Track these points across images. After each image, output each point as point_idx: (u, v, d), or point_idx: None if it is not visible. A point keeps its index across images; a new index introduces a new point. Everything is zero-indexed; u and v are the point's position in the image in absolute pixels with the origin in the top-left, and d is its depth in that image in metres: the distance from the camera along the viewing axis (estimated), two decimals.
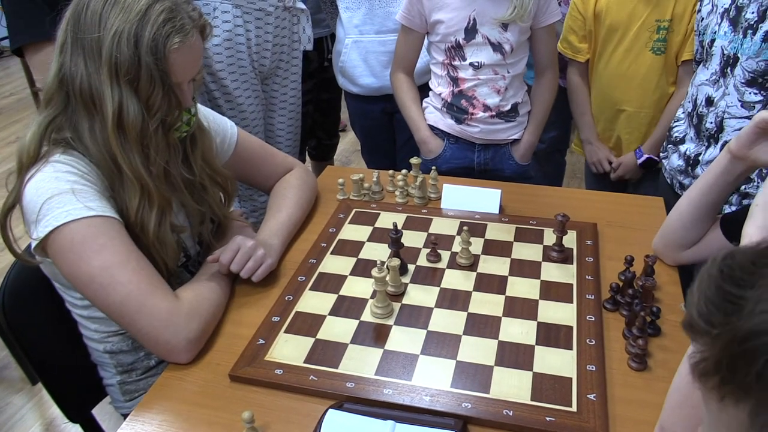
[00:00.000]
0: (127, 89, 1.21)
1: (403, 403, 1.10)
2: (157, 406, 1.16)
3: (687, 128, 1.85)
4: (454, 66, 1.99)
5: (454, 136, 2.08)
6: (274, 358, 1.22)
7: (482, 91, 1.99)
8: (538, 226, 1.59)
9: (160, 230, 1.30)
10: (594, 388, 1.12)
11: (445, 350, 1.22)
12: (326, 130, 3.03)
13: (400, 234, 1.43)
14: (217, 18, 2.09)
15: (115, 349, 1.39)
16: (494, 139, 2.06)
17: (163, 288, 1.24)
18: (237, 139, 1.61)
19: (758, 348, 0.43)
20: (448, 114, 2.06)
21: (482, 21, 1.91)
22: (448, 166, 2.09)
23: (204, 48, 1.27)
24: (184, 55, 1.24)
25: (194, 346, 1.24)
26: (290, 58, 2.36)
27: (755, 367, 0.43)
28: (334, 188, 1.79)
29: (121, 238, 1.23)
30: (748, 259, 0.46)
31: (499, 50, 1.94)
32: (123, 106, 1.21)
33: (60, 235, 1.18)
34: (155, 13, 1.20)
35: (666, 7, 2.03)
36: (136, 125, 1.22)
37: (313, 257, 1.51)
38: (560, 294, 1.36)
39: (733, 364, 0.45)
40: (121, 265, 1.20)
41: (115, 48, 1.18)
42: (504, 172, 2.10)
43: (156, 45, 1.20)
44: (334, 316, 1.32)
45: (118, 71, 1.19)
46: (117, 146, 1.22)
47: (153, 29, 1.19)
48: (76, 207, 1.19)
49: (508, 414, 1.07)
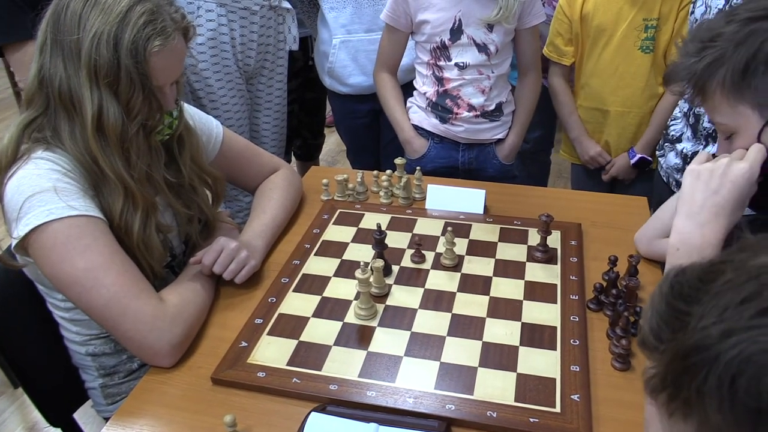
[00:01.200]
0: (106, 92, 1.19)
1: (387, 405, 1.10)
2: (138, 410, 1.14)
3: (684, 127, 1.87)
4: (439, 66, 1.99)
5: (438, 135, 2.08)
6: (257, 361, 1.21)
7: (467, 90, 1.99)
8: (523, 226, 1.59)
9: (145, 233, 1.28)
10: (577, 389, 1.12)
11: (429, 352, 1.22)
12: (311, 129, 3.02)
13: (384, 235, 1.42)
14: (201, 17, 2.08)
15: (97, 351, 1.38)
16: (478, 138, 2.07)
17: (147, 291, 1.23)
18: (222, 138, 1.59)
19: (698, 364, 0.42)
20: (433, 113, 2.06)
21: (468, 22, 1.91)
22: (433, 165, 2.09)
23: (188, 47, 1.26)
24: (165, 59, 1.22)
25: (178, 350, 1.23)
26: (275, 58, 2.35)
27: (695, 383, 0.42)
28: (318, 189, 1.78)
29: (106, 238, 1.21)
30: (696, 276, 0.46)
31: (484, 51, 1.94)
32: (103, 109, 1.19)
33: (42, 234, 1.17)
34: (136, 15, 1.18)
35: (653, 6, 2.04)
36: (116, 128, 1.21)
37: (297, 258, 1.50)
38: (544, 294, 1.36)
39: (678, 380, 0.44)
40: (106, 267, 1.19)
41: (95, 50, 1.17)
42: (488, 172, 2.11)
43: (136, 48, 1.18)
44: (317, 317, 1.32)
45: (97, 74, 1.18)
46: (97, 149, 1.21)
47: (133, 32, 1.17)
48: (59, 206, 1.17)
49: (492, 415, 1.07)
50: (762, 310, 0.38)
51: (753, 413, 0.37)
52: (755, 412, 0.37)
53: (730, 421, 0.39)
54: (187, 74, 2.15)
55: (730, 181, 1.08)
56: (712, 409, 0.40)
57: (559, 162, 3.59)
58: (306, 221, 1.66)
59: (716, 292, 0.43)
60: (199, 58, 2.12)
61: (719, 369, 0.39)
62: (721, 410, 0.39)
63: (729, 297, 0.41)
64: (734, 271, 0.43)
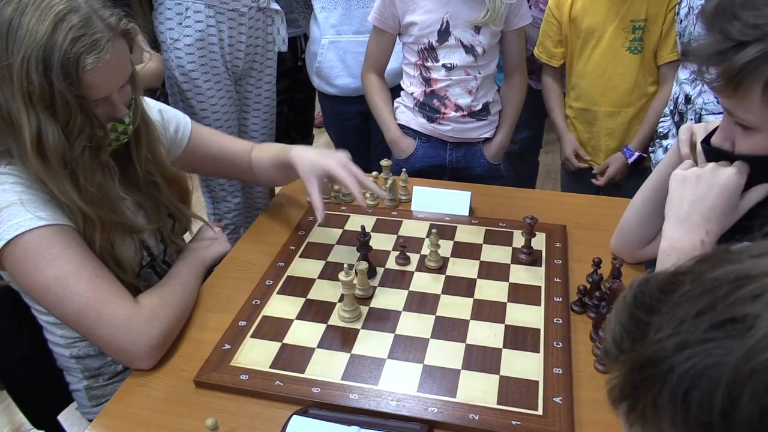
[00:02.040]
0: (44, 115, 1.12)
1: (369, 408, 1.10)
2: (121, 412, 1.14)
3: (671, 125, 1.88)
4: (426, 67, 1.99)
5: (425, 134, 2.09)
6: (240, 364, 1.20)
7: (454, 91, 2.00)
8: (508, 228, 1.59)
9: (110, 247, 1.26)
10: (560, 391, 1.12)
11: (413, 354, 1.22)
12: (300, 130, 3.01)
13: (369, 237, 1.42)
14: (189, 18, 2.08)
15: (81, 354, 1.37)
16: (466, 137, 2.08)
17: (121, 294, 1.22)
18: (192, 128, 1.57)
19: (653, 376, 0.42)
20: (420, 113, 2.06)
21: (455, 24, 1.92)
22: (420, 164, 2.10)
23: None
24: (101, 74, 1.15)
25: (156, 352, 1.22)
26: (264, 59, 2.35)
27: (651, 395, 0.42)
28: (304, 190, 1.76)
29: (75, 246, 1.20)
30: (658, 286, 0.46)
31: (472, 52, 1.95)
32: (42, 132, 1.13)
33: (14, 248, 1.16)
34: (62, 33, 1.09)
35: (640, 7, 2.05)
36: (57, 151, 1.14)
37: (282, 260, 1.50)
38: (528, 297, 1.36)
39: (635, 392, 0.44)
40: (77, 274, 1.18)
41: (25, 76, 1.09)
42: (475, 171, 2.12)
43: (66, 70, 1.10)
44: (301, 320, 1.31)
45: (32, 99, 1.11)
46: (42, 172, 1.16)
47: (61, 52, 1.09)
48: (27, 218, 1.16)
49: (474, 418, 1.07)
50: (715, 324, 0.38)
51: (705, 427, 0.37)
52: (707, 426, 0.37)
53: None
54: (176, 75, 2.15)
55: (718, 185, 1.08)
56: (666, 422, 0.40)
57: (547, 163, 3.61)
58: (291, 223, 1.66)
59: (675, 303, 0.42)
60: (187, 60, 2.11)
61: (673, 382, 0.39)
62: (675, 423, 0.39)
63: (686, 309, 0.41)
64: (692, 283, 0.43)
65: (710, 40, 0.95)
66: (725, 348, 0.37)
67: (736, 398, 0.35)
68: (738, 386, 0.36)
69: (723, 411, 0.36)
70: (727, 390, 0.36)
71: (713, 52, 0.94)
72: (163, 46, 2.15)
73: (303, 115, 2.97)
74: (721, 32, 0.93)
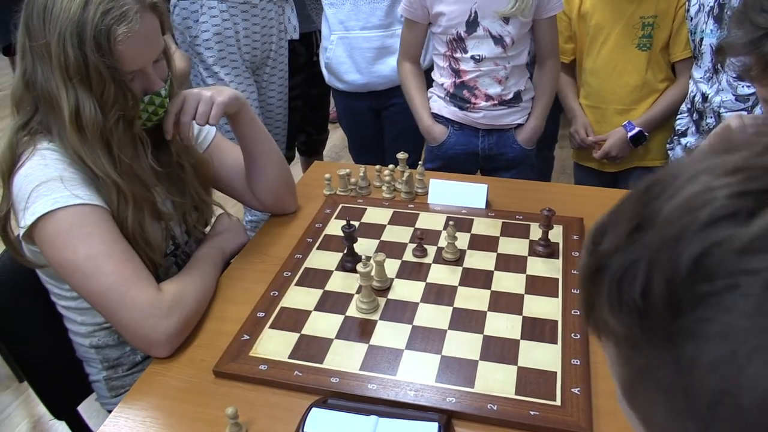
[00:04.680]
0: (80, 89, 1.19)
1: (388, 398, 1.10)
2: (141, 402, 1.15)
3: (689, 122, 1.87)
4: (455, 58, 1.99)
5: (458, 122, 2.09)
6: (259, 354, 1.21)
7: (484, 81, 2.00)
8: (525, 220, 1.59)
9: (139, 226, 1.29)
10: (578, 382, 1.12)
11: (430, 345, 1.22)
12: (316, 125, 3.03)
13: (353, 229, 1.42)
14: (204, 14, 2.12)
15: (101, 343, 1.39)
16: (498, 124, 2.07)
17: (146, 280, 1.24)
18: (216, 134, 1.59)
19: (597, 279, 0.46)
20: (452, 102, 2.07)
21: (483, 14, 1.91)
22: (453, 152, 2.10)
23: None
24: (133, 45, 1.20)
25: (174, 340, 1.23)
26: (278, 48, 2.39)
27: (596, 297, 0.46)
28: (321, 183, 1.78)
29: (108, 227, 1.23)
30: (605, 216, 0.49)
31: (500, 43, 1.94)
32: (79, 106, 1.19)
33: (47, 222, 1.18)
34: (93, 6, 1.15)
35: (650, 4, 2.03)
36: (94, 124, 1.20)
37: (299, 252, 1.50)
38: (545, 288, 1.36)
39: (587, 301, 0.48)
40: (107, 255, 1.20)
41: (62, 51, 1.16)
42: (507, 156, 2.11)
43: (99, 42, 1.16)
44: (319, 311, 1.32)
45: (69, 73, 1.17)
46: (80, 147, 1.21)
47: (93, 25, 1.15)
48: (64, 195, 1.19)
49: (493, 408, 1.07)
50: (634, 227, 0.43)
51: (632, 307, 0.42)
52: (633, 305, 0.41)
53: (621, 321, 0.43)
54: (201, 71, 2.18)
55: None
56: (606, 311, 0.44)
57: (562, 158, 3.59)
58: (308, 215, 1.66)
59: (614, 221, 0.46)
60: (207, 54, 2.15)
61: (608, 277, 0.44)
62: (613, 312, 0.44)
63: (619, 222, 0.45)
64: (627, 198, 0.47)
65: (741, 32, 1.01)
66: (642, 243, 0.41)
67: (651, 280, 0.40)
68: (652, 271, 0.40)
69: (642, 292, 0.40)
70: (645, 274, 0.40)
71: (745, 42, 1.00)
72: (183, 46, 2.18)
73: (318, 110, 2.99)
74: (751, 23, 0.99)
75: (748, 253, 0.37)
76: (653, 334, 0.41)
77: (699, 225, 0.39)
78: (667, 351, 0.40)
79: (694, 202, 0.40)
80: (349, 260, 1.44)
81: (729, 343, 0.37)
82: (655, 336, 0.41)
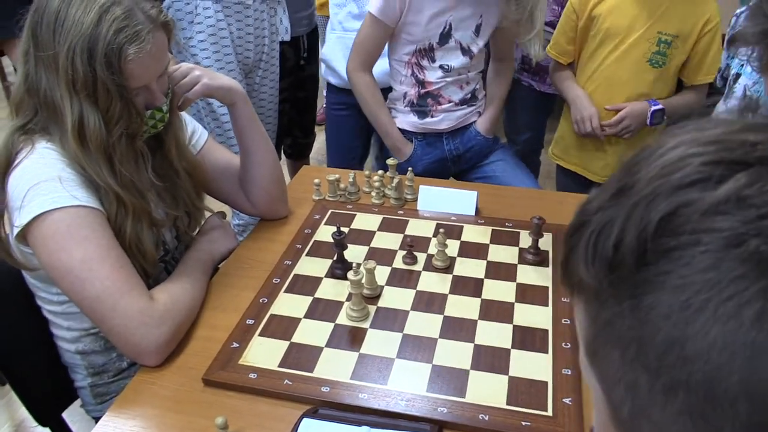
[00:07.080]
0: (86, 102, 1.18)
1: (379, 408, 1.10)
2: (129, 410, 1.14)
3: None
4: (421, 66, 1.99)
5: (420, 132, 2.10)
6: (249, 362, 1.20)
7: (448, 89, 2.04)
8: (515, 228, 1.59)
9: (136, 236, 1.28)
10: (570, 392, 1.12)
11: (421, 354, 1.21)
12: (302, 128, 3.02)
13: (343, 236, 1.41)
14: (199, 15, 2.10)
15: (87, 349, 1.37)
16: (458, 123, 2.11)
17: (139, 288, 1.22)
18: (207, 139, 1.59)
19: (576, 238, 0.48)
20: (411, 111, 2.07)
21: (457, 27, 1.92)
22: (423, 163, 2.10)
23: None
24: (142, 64, 1.20)
25: (164, 350, 1.22)
26: (270, 50, 2.38)
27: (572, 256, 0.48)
28: (310, 189, 1.77)
29: (104, 231, 1.21)
30: None
31: (468, 54, 1.98)
32: (83, 118, 1.19)
33: (43, 223, 1.17)
34: (107, 24, 1.15)
35: (670, 21, 1.96)
36: (97, 137, 1.20)
37: (289, 259, 1.49)
38: (536, 297, 1.36)
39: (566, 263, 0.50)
40: (102, 260, 1.19)
41: (70, 65, 1.15)
42: (474, 149, 2.15)
43: (110, 60, 1.16)
44: (309, 318, 1.31)
45: (75, 86, 1.17)
46: (82, 157, 1.20)
47: (105, 42, 1.15)
48: (62, 195, 1.17)
49: (484, 419, 1.07)
50: (617, 191, 0.46)
51: (605, 260, 0.44)
52: (605, 258, 0.44)
53: (592, 274, 0.45)
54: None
55: None
56: (582, 268, 0.46)
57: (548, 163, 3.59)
58: (297, 221, 1.65)
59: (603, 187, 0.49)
60: (202, 55, 2.14)
61: (587, 233, 0.46)
62: (587, 266, 0.46)
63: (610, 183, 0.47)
64: (619, 167, 0.49)
65: (754, 23, 1.07)
66: (621, 203, 0.44)
67: (623, 234, 0.43)
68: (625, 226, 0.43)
69: (615, 245, 0.43)
70: (619, 229, 0.43)
71: (758, 31, 1.06)
72: (177, 48, 2.16)
73: (305, 113, 2.97)
74: (764, 15, 1.05)
75: (712, 214, 0.40)
76: (619, 286, 0.44)
77: (671, 187, 0.42)
78: (628, 302, 0.43)
79: (670, 167, 0.43)
80: (339, 267, 1.43)
81: (684, 294, 0.40)
82: (620, 287, 0.44)
